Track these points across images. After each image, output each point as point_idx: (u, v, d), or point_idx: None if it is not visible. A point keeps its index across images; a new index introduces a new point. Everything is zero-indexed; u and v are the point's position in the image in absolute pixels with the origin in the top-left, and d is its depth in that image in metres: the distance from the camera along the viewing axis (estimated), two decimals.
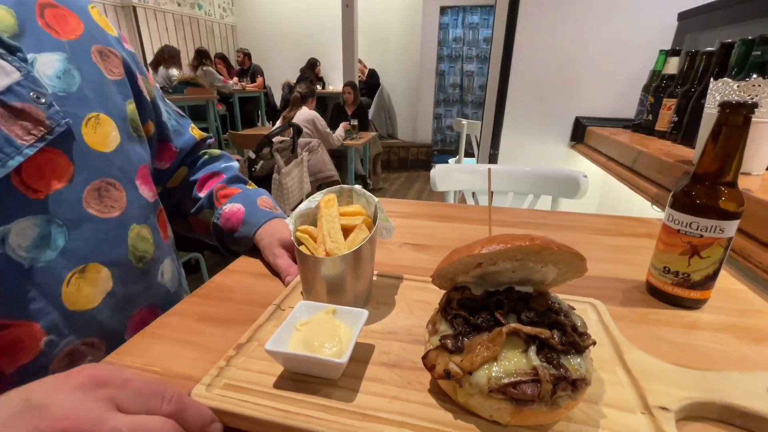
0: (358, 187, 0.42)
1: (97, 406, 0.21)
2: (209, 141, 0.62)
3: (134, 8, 4.65)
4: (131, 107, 0.45)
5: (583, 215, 0.70)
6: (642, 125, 1.11)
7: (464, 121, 2.32)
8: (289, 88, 5.56)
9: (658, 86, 1.05)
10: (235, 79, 5.23)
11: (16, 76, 0.33)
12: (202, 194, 0.57)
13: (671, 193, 0.42)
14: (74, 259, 0.36)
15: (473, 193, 1.20)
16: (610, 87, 1.32)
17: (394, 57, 5.29)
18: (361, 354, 0.33)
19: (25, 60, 0.34)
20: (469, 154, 2.76)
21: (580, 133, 1.32)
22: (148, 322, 0.40)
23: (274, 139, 2.36)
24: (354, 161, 3.27)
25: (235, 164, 0.61)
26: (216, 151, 0.62)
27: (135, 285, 0.43)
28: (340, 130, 3.09)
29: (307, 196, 2.47)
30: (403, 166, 4.91)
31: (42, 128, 0.34)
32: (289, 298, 0.41)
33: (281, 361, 0.30)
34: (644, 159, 0.87)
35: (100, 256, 0.39)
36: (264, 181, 2.35)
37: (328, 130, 2.95)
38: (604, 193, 1.42)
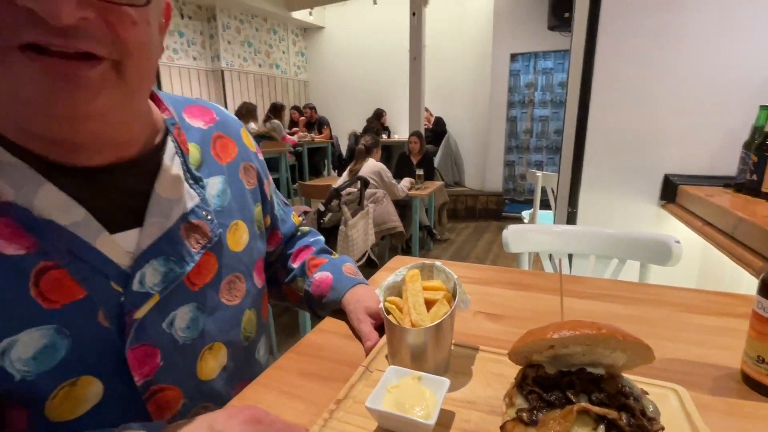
0: (438, 263, 0.51)
1: None
2: (303, 222, 0.77)
3: (222, 72, 5.53)
4: (258, 209, 0.59)
5: (672, 289, 0.70)
6: (746, 185, 1.07)
7: (538, 173, 2.34)
8: (355, 137, 6.05)
9: (761, 144, 1.03)
10: (305, 131, 5.87)
11: (197, 200, 0.47)
12: (296, 265, 0.69)
13: (761, 277, 0.44)
14: (207, 338, 0.49)
15: (550, 255, 1.22)
16: (704, 141, 1.30)
17: (462, 104, 5.54)
18: (444, 419, 0.40)
19: (203, 186, 0.49)
20: (545, 204, 2.74)
21: (671, 191, 1.29)
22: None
23: (342, 192, 2.58)
24: (419, 211, 3.40)
25: (321, 238, 0.75)
26: (305, 228, 0.76)
27: (240, 361, 0.54)
28: (405, 182, 3.27)
29: (372, 248, 2.60)
30: (470, 216, 4.94)
31: (206, 239, 0.48)
32: (375, 361, 0.50)
33: (377, 417, 0.38)
34: (746, 227, 0.85)
35: (222, 336, 0.51)
36: (331, 232, 2.55)
37: (394, 181, 3.14)
38: (705, 262, 1.34)
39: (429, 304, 0.47)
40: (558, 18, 4.13)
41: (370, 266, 3.28)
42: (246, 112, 5.02)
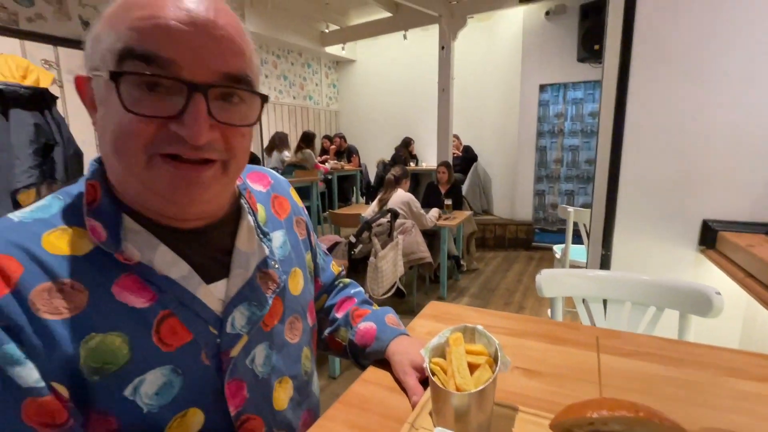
0: (480, 327, 0.54)
1: None
2: (342, 273, 0.82)
3: None
4: (308, 256, 0.67)
5: (715, 349, 0.70)
6: None
7: (570, 209, 2.33)
8: (383, 165, 6.18)
9: None
10: (334, 159, 6.09)
11: (267, 251, 0.56)
12: (339, 315, 0.74)
13: None
14: (278, 373, 0.55)
15: (583, 300, 1.22)
16: (745, 186, 1.28)
17: (490, 132, 5.59)
18: None
19: (270, 240, 0.57)
20: (577, 237, 2.70)
21: (710, 237, 1.27)
22: (308, 423, 0.58)
23: (372, 224, 2.65)
24: (447, 241, 3.42)
25: (361, 289, 0.80)
26: (346, 280, 0.82)
27: (303, 392, 0.61)
28: (434, 213, 3.30)
29: (400, 277, 2.62)
30: (500, 245, 4.89)
31: (276, 285, 0.55)
32: (420, 418, 0.53)
33: None
34: None
35: (288, 371, 0.58)
36: (360, 263, 2.61)
37: (422, 211, 3.18)
38: (750, 315, 1.29)
39: (472, 367, 0.50)
40: (588, 50, 4.17)
41: (398, 296, 3.30)
42: (279, 142, 5.25)
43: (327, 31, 6.24)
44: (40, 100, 2.01)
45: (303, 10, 5.36)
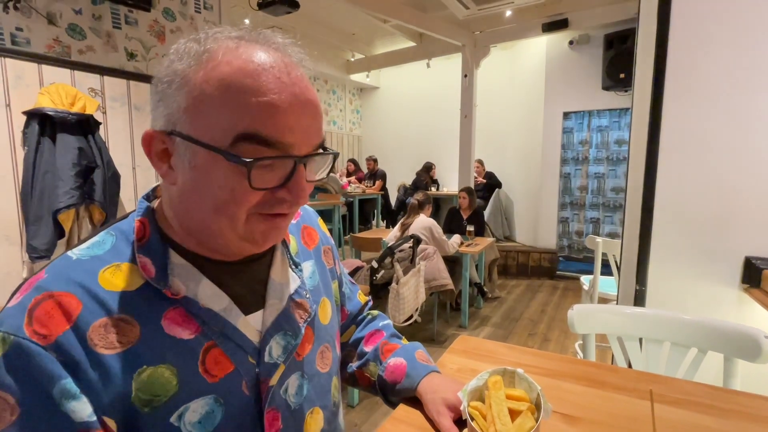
0: (520, 370, 0.52)
1: None
2: (369, 304, 0.82)
3: None
4: (335, 285, 0.68)
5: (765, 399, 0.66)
6: None
7: (598, 239, 2.26)
8: (404, 190, 6.21)
9: None
10: (357, 182, 6.15)
11: (299, 282, 0.57)
12: (368, 349, 0.73)
13: None
14: (309, 403, 0.55)
15: (618, 338, 1.16)
16: None
17: (513, 158, 5.57)
18: None
19: (301, 270, 0.58)
20: (605, 267, 2.61)
21: (754, 275, 1.21)
22: None
23: (395, 250, 2.64)
24: (469, 267, 3.36)
25: (390, 322, 0.79)
26: (375, 312, 0.81)
27: (332, 424, 0.60)
28: (456, 239, 3.27)
29: (422, 307, 2.59)
30: (522, 273, 4.78)
31: (307, 314, 0.56)
32: None
33: None
34: None
35: (319, 401, 0.57)
36: (382, 288, 2.59)
37: (444, 237, 3.16)
38: None
39: (512, 414, 0.48)
40: (613, 79, 4.15)
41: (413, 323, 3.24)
42: None
43: (352, 59, 6.44)
44: (85, 125, 2.13)
45: (330, 39, 5.57)
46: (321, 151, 0.46)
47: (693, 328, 1.02)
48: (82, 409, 0.37)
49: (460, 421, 0.58)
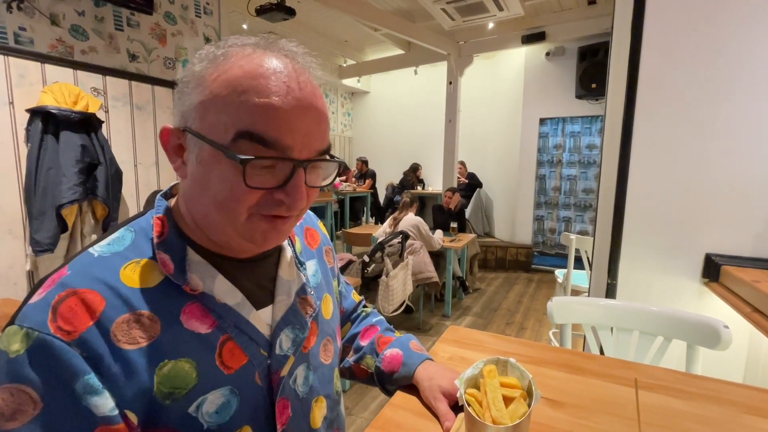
0: (512, 360, 0.53)
1: None
2: (363, 302, 0.81)
3: None
4: (335, 283, 0.68)
5: (733, 386, 0.67)
6: None
7: (572, 236, 2.30)
8: (392, 188, 6.22)
9: None
10: (353, 180, 6.14)
11: (304, 279, 0.56)
12: (364, 343, 0.73)
13: None
14: (314, 393, 0.55)
15: (592, 327, 1.19)
16: (746, 224, 1.25)
17: (493, 160, 5.62)
18: None
19: (305, 268, 0.58)
20: (577, 262, 2.66)
21: (713, 270, 1.25)
22: None
23: (385, 244, 2.64)
24: (452, 261, 3.39)
25: (383, 318, 0.79)
26: (368, 309, 0.81)
27: (333, 412, 0.60)
28: (439, 234, 3.30)
29: (410, 297, 2.59)
30: (500, 266, 4.84)
31: (312, 310, 0.55)
32: None
33: None
34: None
35: (323, 391, 0.57)
36: (372, 281, 2.59)
37: (431, 233, 3.17)
38: (754, 348, 1.25)
39: (506, 400, 0.49)
40: (585, 88, 4.22)
41: (406, 312, 3.25)
42: None
43: (345, 65, 6.38)
44: (87, 123, 2.06)
45: (323, 45, 5.50)
46: (325, 157, 0.45)
47: (660, 318, 1.05)
48: (104, 403, 0.36)
49: (455, 407, 0.59)
